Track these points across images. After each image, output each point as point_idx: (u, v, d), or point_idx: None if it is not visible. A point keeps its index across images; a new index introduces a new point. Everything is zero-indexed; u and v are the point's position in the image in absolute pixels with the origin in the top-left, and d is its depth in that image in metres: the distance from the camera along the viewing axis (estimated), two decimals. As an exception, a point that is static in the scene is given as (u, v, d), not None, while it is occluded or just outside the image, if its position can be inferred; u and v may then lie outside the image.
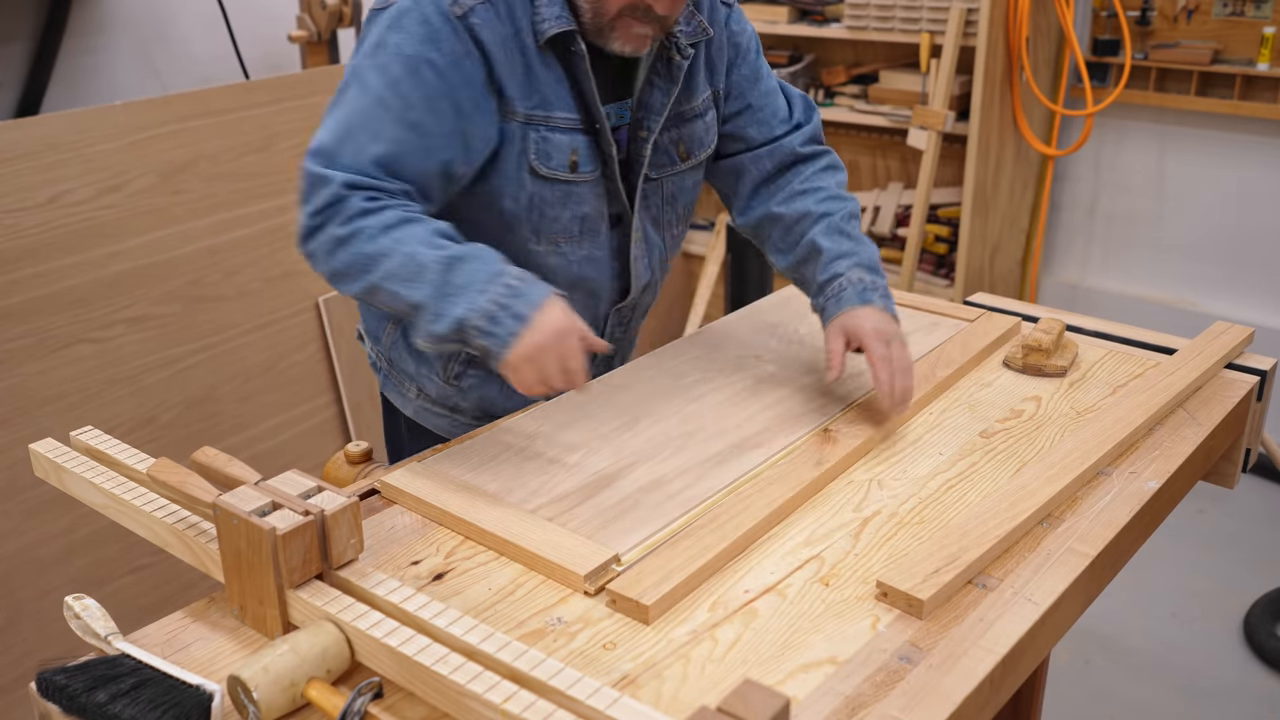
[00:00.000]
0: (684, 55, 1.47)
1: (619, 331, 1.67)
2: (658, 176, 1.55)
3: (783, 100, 1.64)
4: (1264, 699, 2.49)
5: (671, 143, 1.54)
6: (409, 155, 1.33)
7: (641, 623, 1.08)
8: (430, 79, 1.32)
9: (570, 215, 1.47)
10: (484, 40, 1.33)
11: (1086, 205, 3.70)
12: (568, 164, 1.43)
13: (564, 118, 1.42)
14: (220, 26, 3.02)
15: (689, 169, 1.58)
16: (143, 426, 2.40)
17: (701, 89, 1.55)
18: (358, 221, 1.28)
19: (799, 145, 1.62)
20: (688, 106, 1.53)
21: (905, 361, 1.42)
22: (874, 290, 1.47)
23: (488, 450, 1.40)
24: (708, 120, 1.57)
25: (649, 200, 1.56)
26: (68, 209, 2.25)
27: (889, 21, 3.49)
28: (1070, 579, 1.13)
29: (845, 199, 1.59)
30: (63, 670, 0.96)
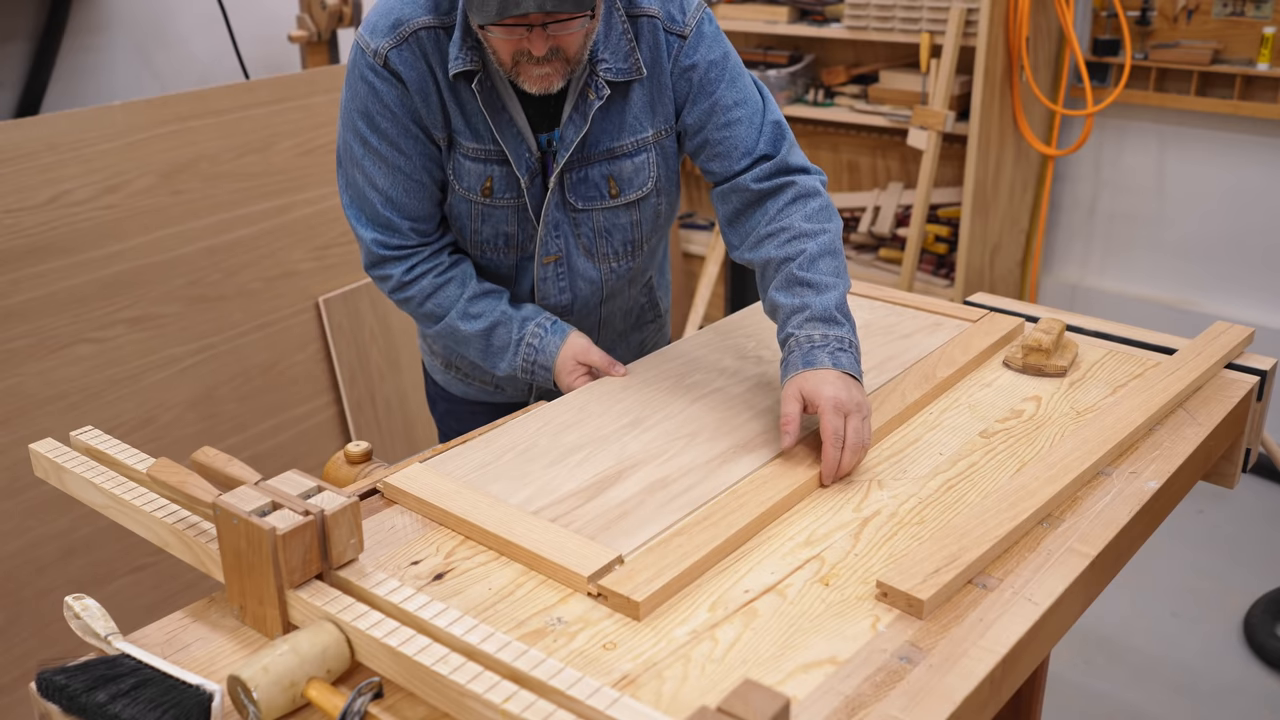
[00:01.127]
0: (598, 94, 1.49)
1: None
2: (585, 208, 1.57)
3: (748, 131, 1.55)
4: (1264, 699, 2.49)
5: (601, 177, 1.56)
6: (408, 195, 1.54)
7: (633, 619, 1.08)
8: (387, 127, 1.50)
9: (492, 231, 1.59)
10: (404, 77, 1.47)
11: (1086, 205, 3.70)
12: (480, 189, 1.55)
13: (474, 147, 1.52)
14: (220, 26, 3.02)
15: (622, 206, 1.59)
16: (143, 426, 2.40)
17: (635, 128, 1.54)
18: (405, 293, 1.60)
19: (753, 183, 1.54)
20: (617, 144, 1.54)
21: (856, 439, 1.33)
22: (822, 347, 1.40)
23: (490, 451, 1.40)
24: (638, 161, 1.56)
25: (579, 230, 1.59)
26: (68, 209, 2.25)
27: (889, 21, 3.49)
28: (1070, 579, 1.13)
29: (811, 235, 1.50)
30: (63, 670, 0.96)
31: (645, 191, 1.59)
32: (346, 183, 1.58)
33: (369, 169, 1.53)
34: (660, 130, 1.57)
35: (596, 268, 1.63)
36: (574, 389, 1.57)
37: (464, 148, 1.52)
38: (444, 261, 1.59)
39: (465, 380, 1.79)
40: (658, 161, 1.58)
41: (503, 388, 1.78)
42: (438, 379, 1.85)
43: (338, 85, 2.70)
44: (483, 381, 1.78)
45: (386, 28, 1.46)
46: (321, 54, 3.04)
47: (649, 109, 1.55)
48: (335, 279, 2.76)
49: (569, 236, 1.59)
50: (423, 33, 1.46)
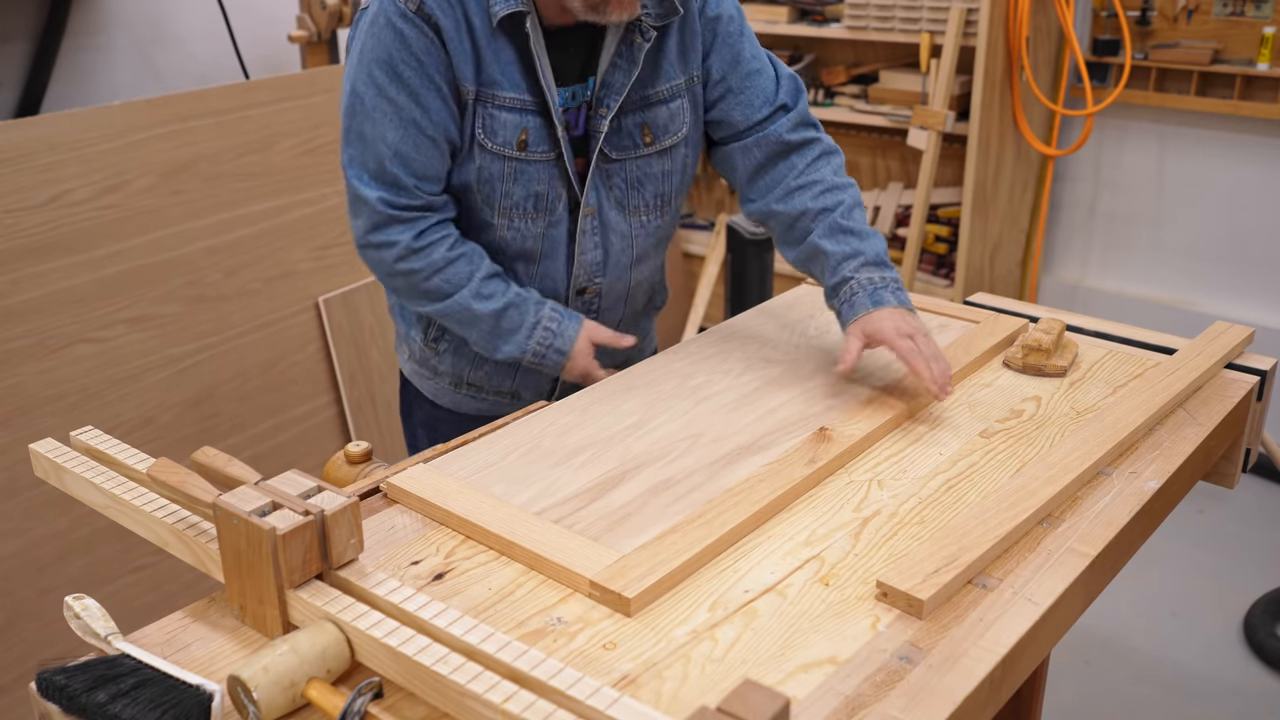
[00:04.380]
0: (645, 37, 1.50)
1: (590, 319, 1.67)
2: (619, 158, 1.57)
3: (767, 81, 1.61)
4: (1264, 699, 2.49)
5: (635, 125, 1.56)
6: (419, 151, 1.48)
7: (624, 615, 1.08)
8: (410, 77, 1.44)
9: (523, 192, 1.54)
10: (441, 26, 1.43)
11: (1086, 205, 3.70)
12: (515, 142, 1.50)
13: (512, 97, 1.48)
14: (220, 26, 3.02)
15: (655, 154, 1.59)
16: (143, 426, 2.40)
17: (670, 74, 1.56)
18: (409, 262, 1.52)
19: (786, 132, 1.60)
20: (652, 90, 1.55)
21: (933, 348, 1.46)
22: (884, 288, 1.50)
23: (493, 451, 1.40)
24: (674, 107, 1.58)
25: (611, 181, 1.59)
26: (68, 209, 2.25)
27: (889, 21, 3.49)
28: (1070, 579, 1.13)
29: (843, 188, 1.58)
30: (63, 670, 0.96)
31: (678, 138, 1.60)
32: (352, 137, 1.49)
33: (380, 122, 1.46)
34: (691, 76, 1.59)
35: (627, 221, 1.62)
36: (581, 373, 1.59)
37: (499, 98, 1.47)
38: (455, 234, 1.54)
39: (478, 396, 1.73)
40: (689, 108, 1.60)
41: (521, 396, 1.73)
42: (442, 402, 1.75)
43: (338, 85, 2.70)
44: (498, 394, 1.72)
45: None
46: (321, 54, 3.04)
47: (681, 55, 1.57)
48: (335, 279, 2.76)
49: (601, 189, 1.58)
50: None
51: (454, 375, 1.72)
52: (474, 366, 1.70)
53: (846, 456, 1.36)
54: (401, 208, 1.49)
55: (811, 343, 1.70)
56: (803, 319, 1.79)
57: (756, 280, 3.35)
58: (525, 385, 1.72)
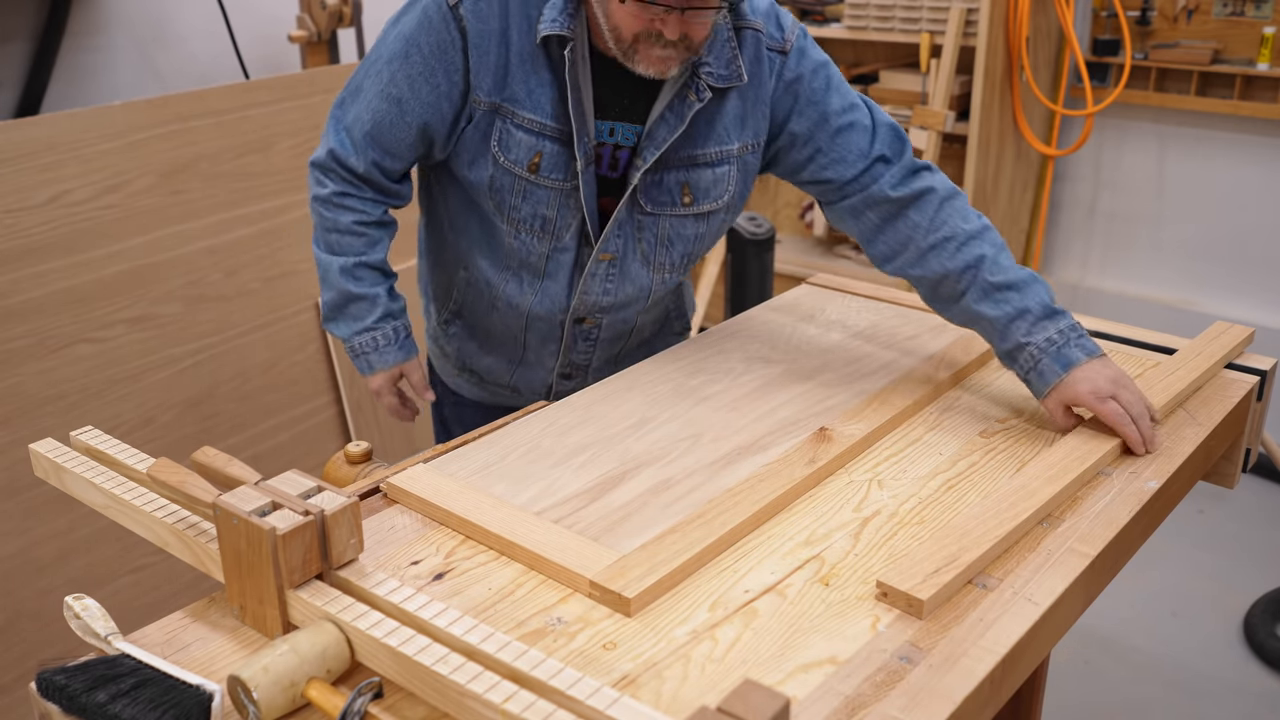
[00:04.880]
0: (699, 96, 1.45)
1: (583, 346, 1.68)
2: (654, 212, 1.53)
3: (860, 135, 1.51)
4: (1264, 699, 2.49)
5: (677, 184, 1.51)
6: (388, 124, 1.51)
7: (624, 614, 1.08)
8: (417, 61, 1.47)
9: (530, 211, 1.52)
10: (468, 29, 1.44)
11: (1086, 205, 3.70)
12: (527, 163, 1.48)
13: (532, 119, 1.47)
14: (220, 26, 3.02)
15: (691, 216, 1.55)
16: (143, 426, 2.40)
17: (723, 138, 1.50)
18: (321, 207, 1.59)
19: (890, 189, 1.49)
20: (700, 151, 1.50)
21: (1138, 404, 1.37)
22: (1066, 345, 1.39)
23: (494, 452, 1.40)
24: (719, 172, 1.52)
25: (642, 234, 1.55)
26: (68, 209, 2.25)
27: (889, 21, 3.49)
28: (1070, 579, 1.13)
29: (980, 235, 1.46)
30: (63, 670, 0.96)
31: (719, 205, 1.55)
32: (353, 84, 1.55)
33: (375, 84, 1.50)
34: (746, 144, 1.53)
35: (649, 275, 1.59)
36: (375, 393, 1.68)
37: (518, 117, 1.46)
38: (373, 214, 1.59)
39: (479, 385, 1.79)
40: (738, 177, 1.55)
41: (520, 391, 1.75)
42: (448, 382, 1.83)
43: (338, 85, 2.70)
44: (499, 385, 1.77)
45: None
46: (321, 54, 3.04)
47: (739, 121, 1.51)
48: (335, 279, 2.75)
49: (630, 238, 1.54)
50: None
51: (458, 360, 1.77)
52: (476, 356, 1.74)
53: (846, 456, 1.36)
54: (345, 167, 1.55)
55: (811, 343, 1.70)
56: (803, 319, 1.79)
57: (756, 280, 3.35)
58: (523, 381, 1.74)
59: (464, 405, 1.84)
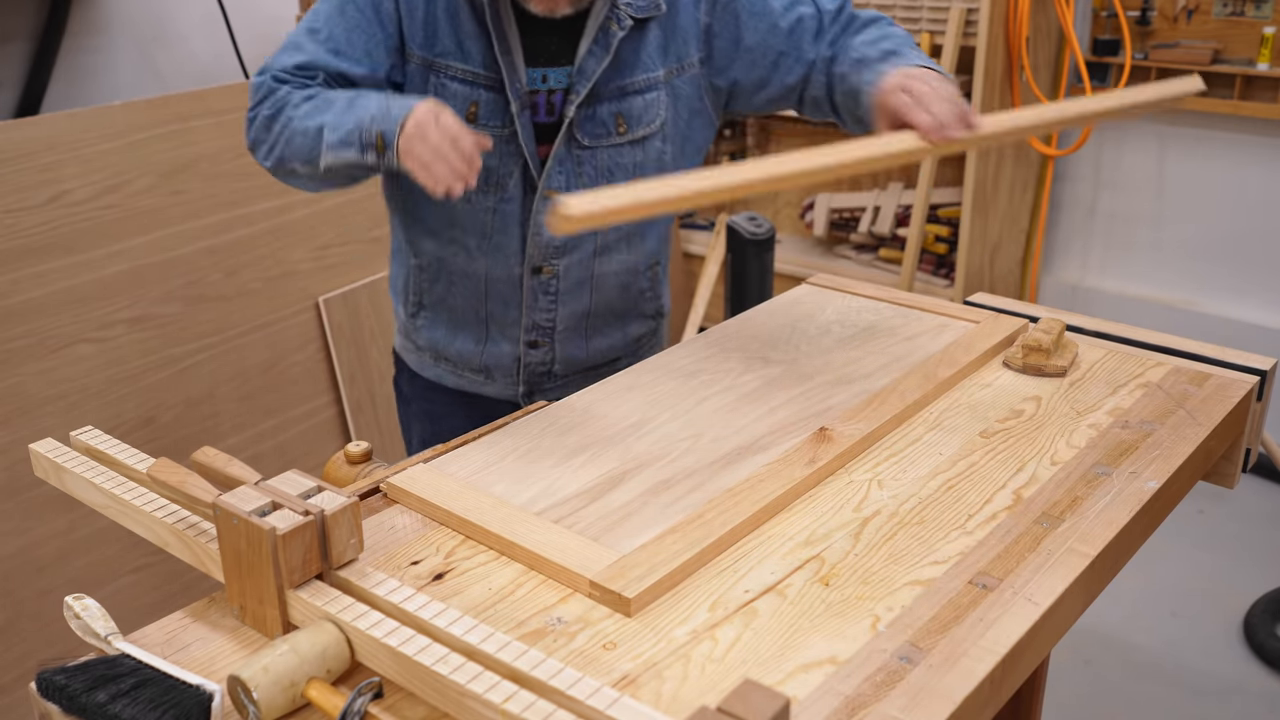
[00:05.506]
0: (620, 25, 1.53)
1: (544, 301, 1.69)
2: (591, 145, 1.58)
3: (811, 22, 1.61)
4: (1264, 699, 2.50)
5: (610, 114, 1.58)
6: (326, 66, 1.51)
7: (624, 615, 1.08)
8: (353, 14, 1.51)
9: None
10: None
11: (1086, 205, 3.70)
12: (464, 114, 1.53)
13: (464, 69, 1.53)
14: (220, 26, 3.02)
15: (626, 144, 1.60)
16: (143, 426, 2.40)
17: (649, 65, 1.58)
18: (284, 98, 1.48)
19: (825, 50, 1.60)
20: (629, 80, 1.57)
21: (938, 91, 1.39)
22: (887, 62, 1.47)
23: (493, 451, 1.40)
24: (649, 98, 1.59)
25: (582, 169, 1.59)
26: (68, 209, 2.25)
27: (889, 21, 3.49)
28: (1070, 579, 1.13)
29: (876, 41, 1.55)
30: (63, 670, 0.96)
31: (652, 129, 1.61)
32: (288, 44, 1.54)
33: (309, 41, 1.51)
34: (671, 69, 1.60)
35: None
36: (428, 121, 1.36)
37: (451, 69, 1.52)
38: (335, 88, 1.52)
39: (454, 371, 1.80)
40: (667, 102, 1.61)
41: (491, 375, 1.77)
42: (425, 375, 1.83)
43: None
44: (472, 368, 1.79)
45: None
46: (321, 54, 3.04)
47: (662, 49, 1.58)
48: (335, 279, 2.76)
49: (571, 174, 1.59)
50: None
51: (432, 349, 1.79)
52: (446, 342, 1.77)
53: (846, 456, 1.36)
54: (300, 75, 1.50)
55: (811, 343, 1.70)
56: (803, 319, 1.79)
57: (756, 280, 3.35)
58: (492, 359, 1.76)
59: (438, 399, 1.83)
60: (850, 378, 1.58)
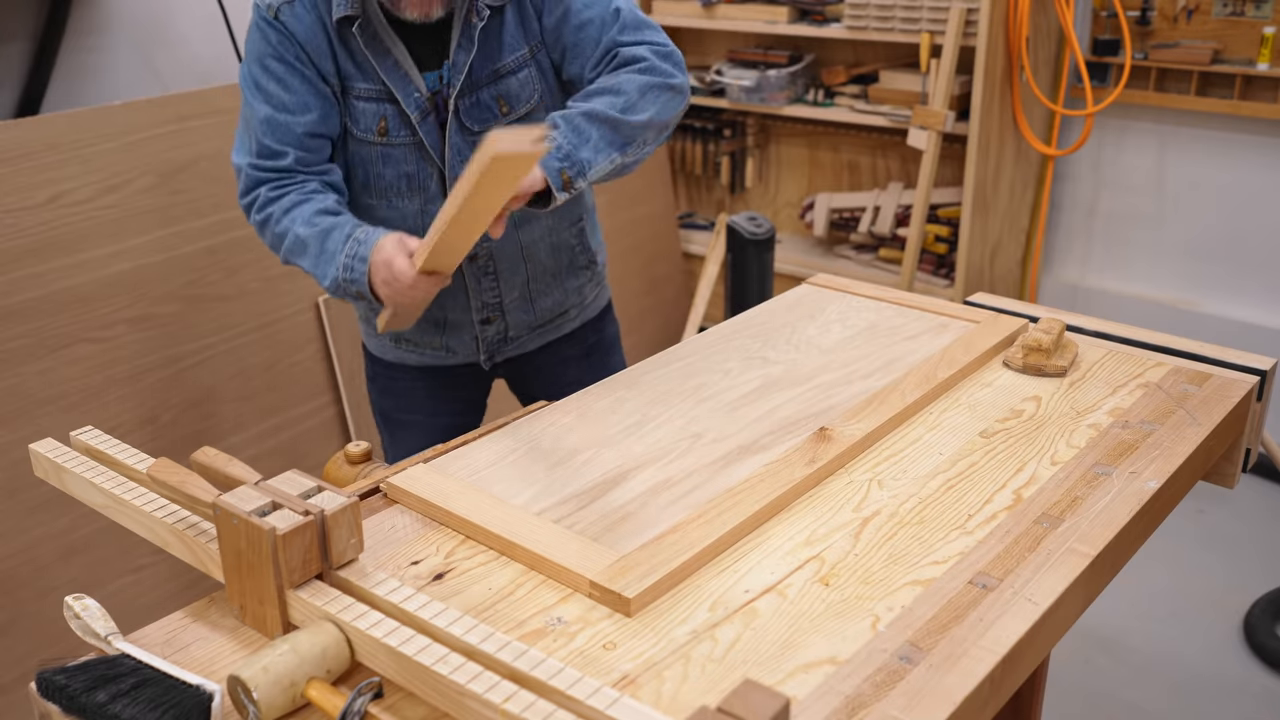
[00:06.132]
0: (479, 16, 1.63)
1: (487, 283, 1.80)
2: (481, 130, 1.68)
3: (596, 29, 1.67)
4: (1264, 699, 2.49)
5: (491, 98, 1.68)
6: (283, 124, 1.63)
7: (624, 615, 1.08)
8: (275, 67, 1.62)
9: (394, 173, 1.69)
10: (293, 31, 1.61)
11: (1086, 205, 3.70)
12: (375, 129, 1.66)
13: (366, 88, 1.65)
14: (220, 26, 3.02)
15: (512, 122, 1.70)
16: (143, 426, 2.40)
17: (513, 46, 1.68)
18: (267, 209, 1.63)
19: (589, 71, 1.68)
20: (500, 64, 1.68)
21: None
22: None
23: (493, 451, 1.40)
24: (521, 77, 1.69)
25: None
26: (68, 209, 2.25)
27: (889, 21, 3.49)
28: (1070, 579, 1.13)
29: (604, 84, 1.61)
30: (63, 670, 0.96)
31: (533, 105, 1.71)
32: (239, 126, 1.67)
33: (256, 106, 1.63)
34: (533, 45, 1.70)
35: None
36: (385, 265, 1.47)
37: (356, 90, 1.65)
38: (313, 186, 1.64)
39: (418, 351, 1.88)
40: (538, 76, 1.71)
41: (454, 350, 1.87)
42: (387, 357, 1.91)
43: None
44: (434, 348, 1.87)
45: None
46: (321, 54, 3.04)
47: (520, 27, 1.68)
48: (335, 279, 2.75)
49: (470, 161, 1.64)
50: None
51: (390, 335, 1.88)
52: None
53: (846, 456, 1.36)
54: (268, 170, 1.63)
55: (811, 343, 1.70)
56: (803, 319, 1.79)
57: (756, 280, 3.35)
58: (453, 339, 1.86)
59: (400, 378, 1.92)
60: (850, 378, 1.58)
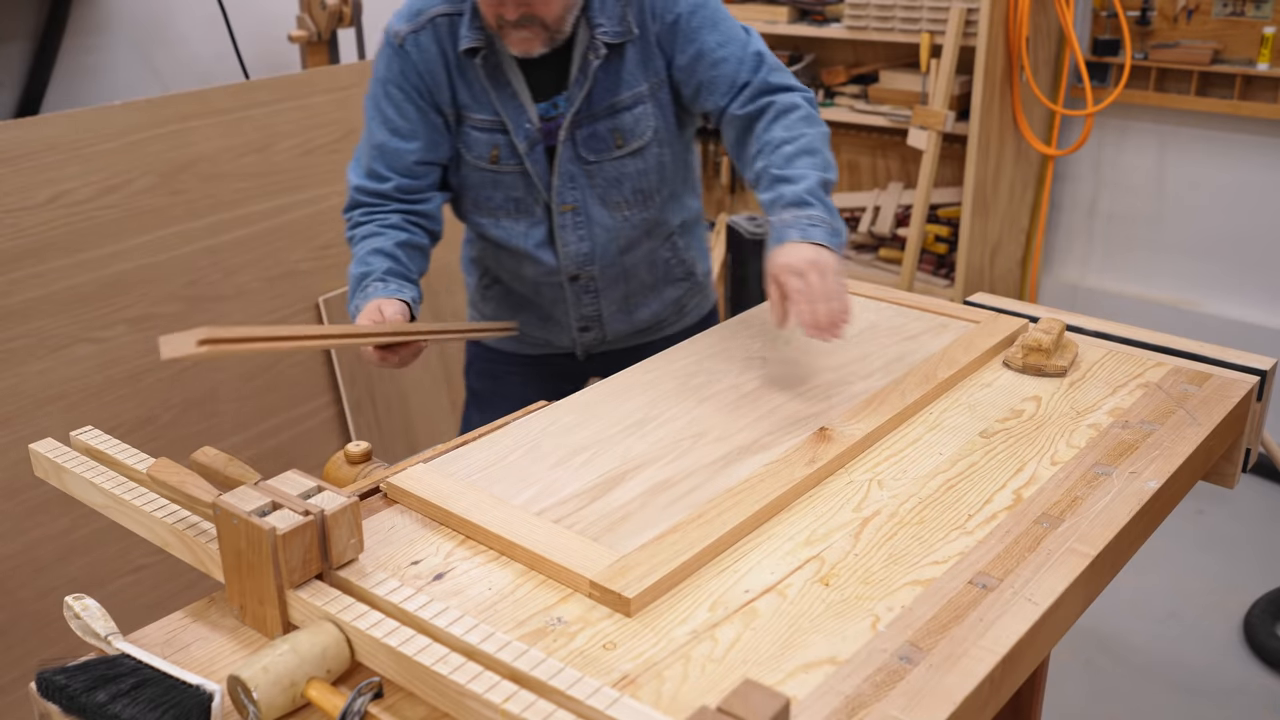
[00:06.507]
0: (596, 54, 1.68)
1: (587, 299, 1.88)
2: (596, 160, 1.75)
3: (733, 67, 1.69)
4: (1264, 699, 2.50)
5: (607, 131, 1.74)
6: (394, 151, 1.74)
7: (624, 615, 1.08)
8: (395, 93, 1.73)
9: (503, 197, 1.78)
10: (415, 61, 1.71)
11: (1086, 205, 3.70)
12: (488, 156, 1.75)
13: (481, 119, 1.74)
14: (220, 26, 3.02)
15: (626, 155, 1.76)
16: (143, 426, 2.40)
17: (631, 83, 1.72)
18: (352, 232, 1.77)
19: (738, 109, 1.68)
20: (617, 99, 1.73)
21: (825, 288, 1.42)
22: (792, 227, 1.50)
23: (493, 451, 1.40)
24: (637, 112, 1.74)
25: (593, 181, 1.77)
26: (68, 209, 2.25)
27: (889, 21, 3.49)
28: (1070, 579, 1.13)
29: (789, 140, 1.61)
30: (63, 670, 0.96)
31: (646, 140, 1.76)
32: (361, 138, 1.79)
33: (374, 129, 1.75)
34: (653, 83, 1.74)
35: (611, 216, 1.80)
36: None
37: (472, 119, 1.73)
38: (394, 220, 1.74)
39: (518, 341, 1.99)
40: (655, 113, 1.75)
41: (553, 345, 1.97)
42: (490, 344, 2.02)
43: (338, 85, 2.70)
44: (533, 345, 1.98)
45: (409, 14, 1.72)
46: (321, 54, 3.04)
47: (641, 65, 1.72)
48: (335, 279, 2.75)
49: (585, 188, 1.77)
50: (439, 19, 1.69)
51: (496, 320, 1.99)
52: (512, 315, 1.97)
53: (846, 456, 1.36)
54: (368, 194, 1.75)
55: (811, 343, 1.70)
56: (803, 319, 1.79)
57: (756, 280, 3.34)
58: (552, 335, 1.96)
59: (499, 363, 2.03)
60: (850, 378, 1.58)
